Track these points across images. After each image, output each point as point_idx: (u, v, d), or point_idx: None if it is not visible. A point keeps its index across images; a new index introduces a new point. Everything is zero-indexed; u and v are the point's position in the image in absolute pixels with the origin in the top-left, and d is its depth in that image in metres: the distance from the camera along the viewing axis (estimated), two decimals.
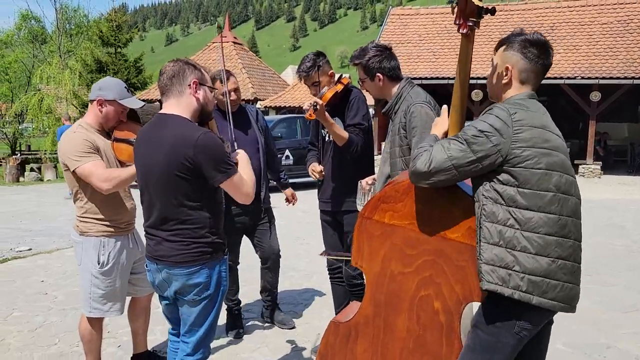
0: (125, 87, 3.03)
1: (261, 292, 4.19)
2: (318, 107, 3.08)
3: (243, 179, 2.29)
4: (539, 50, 1.99)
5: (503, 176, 1.90)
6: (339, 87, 3.33)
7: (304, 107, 3.17)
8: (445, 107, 2.27)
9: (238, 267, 4.02)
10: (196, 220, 2.23)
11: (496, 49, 2.09)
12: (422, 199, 2.13)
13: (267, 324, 4.17)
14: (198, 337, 2.35)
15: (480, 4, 1.95)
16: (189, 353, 2.37)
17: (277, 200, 4.35)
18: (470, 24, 1.99)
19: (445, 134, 2.18)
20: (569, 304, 1.93)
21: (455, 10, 1.99)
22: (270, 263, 4.00)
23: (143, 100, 3.30)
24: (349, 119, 3.34)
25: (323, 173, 3.44)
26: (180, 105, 2.26)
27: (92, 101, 2.98)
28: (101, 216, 2.94)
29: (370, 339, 2.31)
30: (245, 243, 4.01)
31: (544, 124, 1.94)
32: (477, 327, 2.02)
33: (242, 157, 2.41)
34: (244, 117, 3.79)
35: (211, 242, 2.27)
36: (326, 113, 3.16)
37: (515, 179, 1.88)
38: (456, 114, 2.16)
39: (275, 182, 4.17)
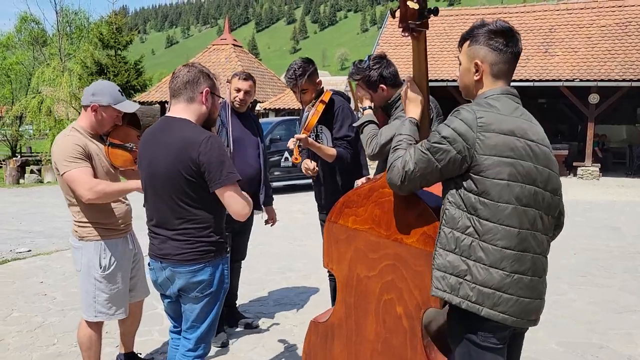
0: (119, 91, 2.94)
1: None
2: (302, 144, 3.18)
3: (242, 193, 2.31)
4: (505, 39, 1.88)
5: (467, 183, 1.82)
6: (320, 108, 3.33)
7: (288, 147, 3.27)
8: (409, 77, 2.19)
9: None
10: (201, 220, 2.29)
11: (460, 45, 1.98)
12: (380, 204, 2.16)
13: (263, 324, 4.21)
14: (200, 333, 2.41)
15: (416, 6, 1.96)
16: (190, 348, 2.42)
17: (275, 202, 4.38)
18: (413, 26, 2.01)
19: (423, 112, 2.14)
20: (524, 318, 1.84)
21: (397, 15, 2.01)
22: (238, 264, 4.11)
23: (142, 103, 3.35)
24: (335, 132, 3.42)
25: (317, 169, 3.48)
26: (188, 109, 2.34)
27: (85, 107, 2.91)
28: (97, 220, 2.89)
29: (345, 340, 2.34)
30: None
31: (512, 128, 1.81)
32: (450, 340, 1.99)
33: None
34: (249, 120, 3.91)
35: (215, 241, 2.34)
36: (310, 140, 3.27)
37: (476, 187, 1.80)
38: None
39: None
